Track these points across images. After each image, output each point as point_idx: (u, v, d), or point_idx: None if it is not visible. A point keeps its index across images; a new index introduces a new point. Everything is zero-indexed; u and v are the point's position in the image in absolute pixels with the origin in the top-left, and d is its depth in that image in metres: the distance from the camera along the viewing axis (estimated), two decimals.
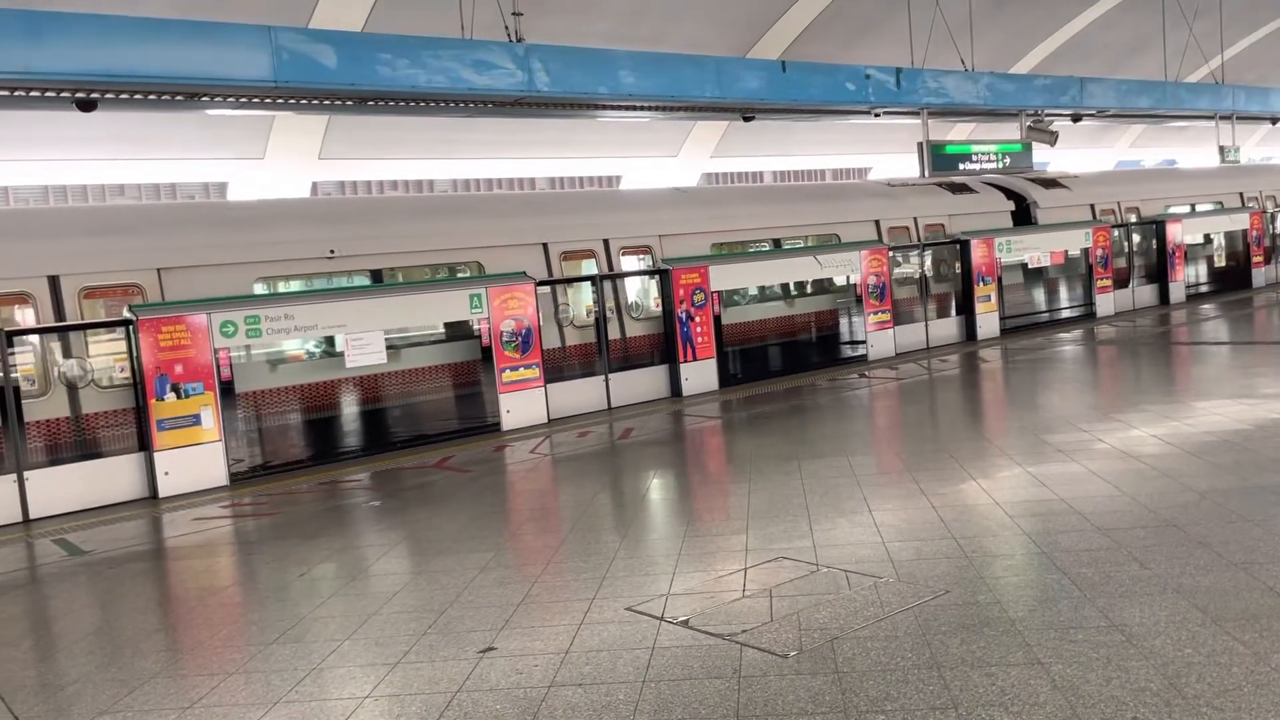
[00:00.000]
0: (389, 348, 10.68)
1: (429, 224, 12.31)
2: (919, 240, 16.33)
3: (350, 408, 10.89)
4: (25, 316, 9.46)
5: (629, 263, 13.41)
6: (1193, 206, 21.65)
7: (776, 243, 14.98)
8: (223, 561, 7.18)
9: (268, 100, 11.41)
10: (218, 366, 9.44)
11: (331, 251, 11.13)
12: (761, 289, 14.36)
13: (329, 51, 10.85)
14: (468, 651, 4.82)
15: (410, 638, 5.06)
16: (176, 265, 10.16)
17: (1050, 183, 19.08)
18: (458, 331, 11.50)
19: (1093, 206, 19.38)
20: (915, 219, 16.64)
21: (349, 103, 11.95)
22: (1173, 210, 20.69)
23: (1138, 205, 20.49)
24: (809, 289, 15.05)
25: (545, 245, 12.73)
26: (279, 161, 17.03)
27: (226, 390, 9.52)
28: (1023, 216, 18.09)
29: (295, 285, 11.21)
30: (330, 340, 10.78)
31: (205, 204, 15.69)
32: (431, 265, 12.10)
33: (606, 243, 13.23)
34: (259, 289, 10.67)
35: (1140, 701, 3.74)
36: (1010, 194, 18.26)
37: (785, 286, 14.70)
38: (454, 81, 11.73)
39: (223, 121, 15.56)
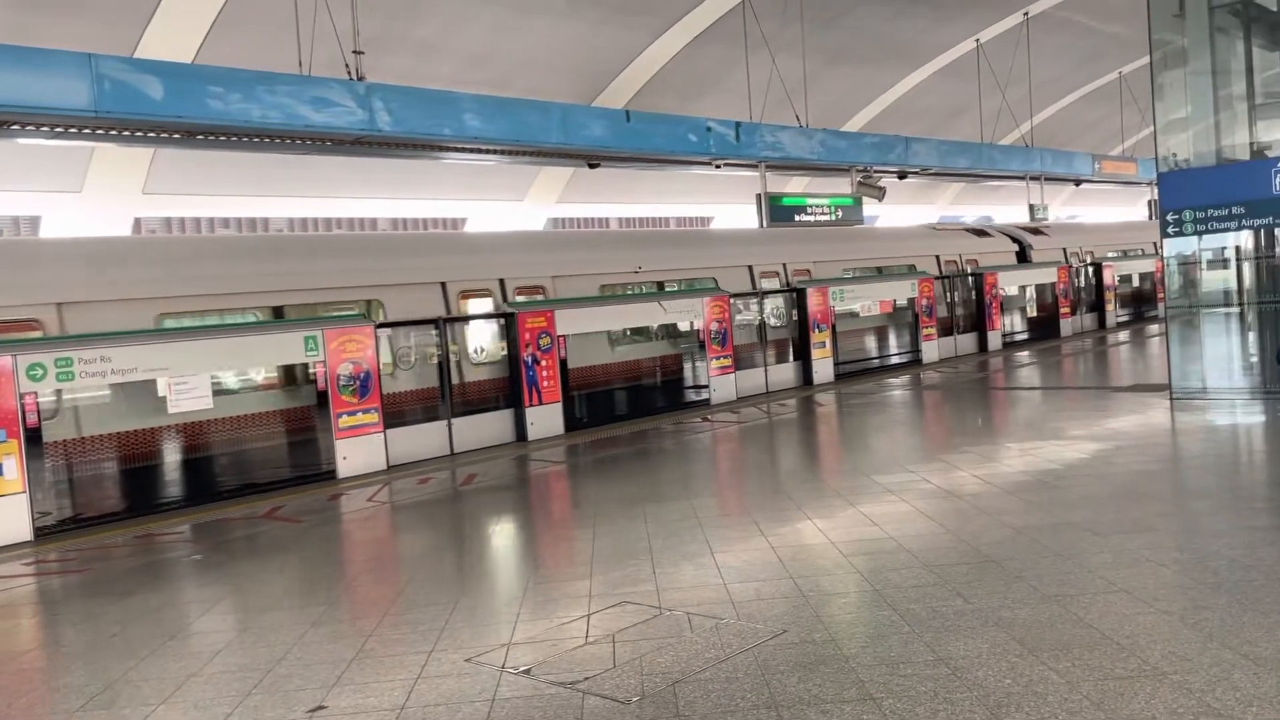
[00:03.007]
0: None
1: (689, 250, 16.88)
2: (962, 270, 20.94)
3: (173, 455, 10.30)
4: (484, 304, 13.39)
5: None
6: (1125, 253, 26.35)
7: (879, 270, 19.89)
8: (23, 623, 6.61)
9: (86, 131, 10.81)
10: (23, 413, 8.77)
11: (639, 268, 15.17)
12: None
13: (155, 82, 10.38)
14: (296, 711, 4.57)
15: (233, 699, 4.77)
16: (562, 274, 14.19)
17: (1036, 231, 24.72)
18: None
19: (1064, 250, 24.62)
20: (960, 255, 21.80)
21: (176, 136, 11.43)
22: (1099, 256, 25.25)
23: (1092, 249, 25.35)
24: (658, 334, 15.32)
25: (750, 267, 17.01)
26: (99, 195, 16.09)
27: (33, 438, 8.84)
28: (1022, 255, 23.46)
29: (614, 291, 14.84)
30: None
31: (579, 232, 20.66)
32: (689, 279, 15.99)
33: (785, 265, 17.75)
34: (600, 292, 14.51)
35: None
36: (1013, 239, 23.62)
37: (636, 331, 14.98)
38: (290, 118, 11.40)
39: (37, 152, 14.62)
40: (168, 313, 10.64)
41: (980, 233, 23.32)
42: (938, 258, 21.12)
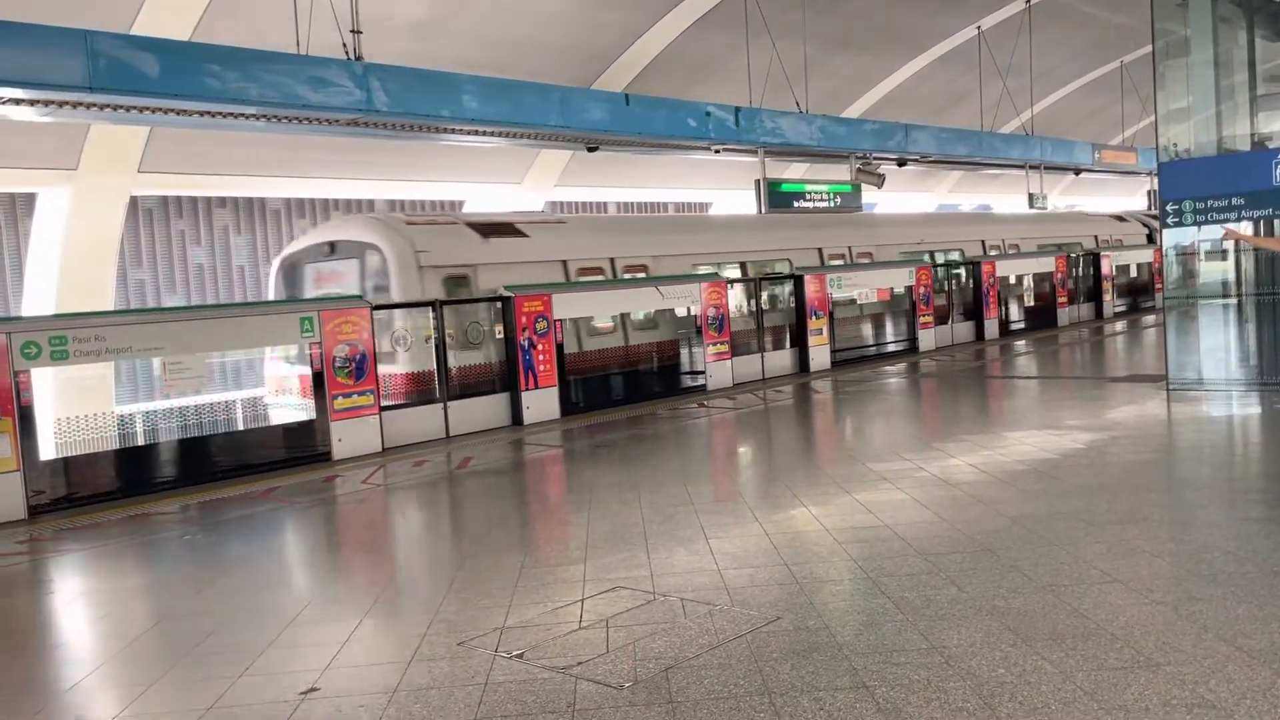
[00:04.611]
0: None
1: (937, 228, 22.35)
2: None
3: (169, 435, 10.28)
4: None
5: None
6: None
7: (1059, 247, 23.72)
8: (16, 601, 6.59)
9: (81, 107, 10.72)
10: (17, 391, 8.73)
11: (920, 240, 20.44)
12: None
13: (151, 59, 10.29)
14: (288, 694, 4.56)
15: (226, 680, 4.76)
16: (883, 244, 19.61)
17: (1157, 216, 28.57)
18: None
19: None
20: (1110, 236, 26.68)
21: (172, 113, 11.35)
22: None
23: None
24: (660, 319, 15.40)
25: (982, 241, 22.28)
26: (94, 174, 15.99)
27: (26, 416, 8.80)
28: (1150, 238, 27.42)
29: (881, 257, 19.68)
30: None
31: (883, 214, 24.28)
32: (945, 250, 21.37)
33: (984, 242, 22.78)
34: (900, 257, 19.57)
35: None
36: (1143, 223, 28.30)
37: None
38: (288, 97, 11.31)
39: (31, 129, 14.52)
40: (696, 263, 16.07)
41: (1119, 218, 28.34)
42: (1096, 238, 26.10)
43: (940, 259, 20.96)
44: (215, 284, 20.91)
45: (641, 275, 15.33)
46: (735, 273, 16.84)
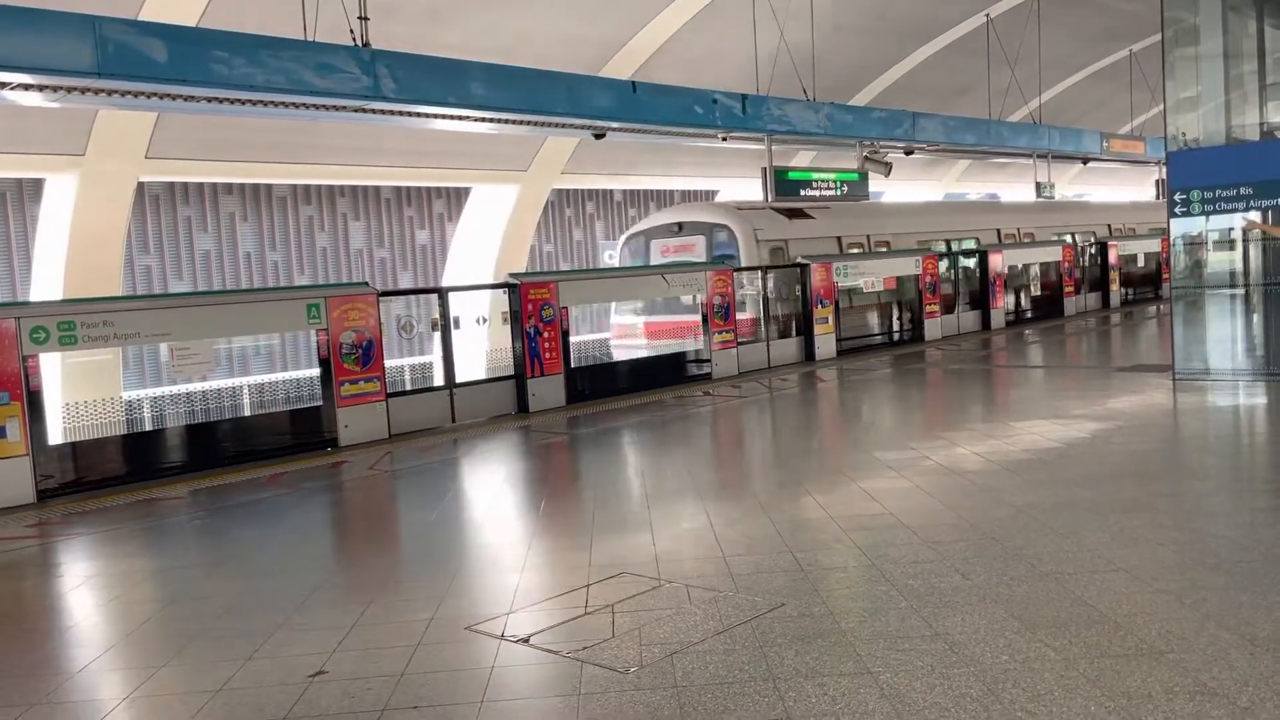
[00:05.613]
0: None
1: (1097, 214, 27.35)
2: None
3: (177, 420, 10.32)
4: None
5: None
6: None
7: (1132, 230, 28.09)
8: (25, 585, 6.65)
9: (89, 92, 10.73)
10: (26, 375, 8.77)
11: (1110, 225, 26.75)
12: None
13: (159, 45, 10.28)
14: (296, 676, 4.60)
15: (234, 663, 4.80)
16: (1025, 226, 23.84)
17: None
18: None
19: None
20: None
21: (180, 99, 11.36)
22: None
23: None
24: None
25: (1110, 225, 27.05)
26: (101, 159, 16.01)
27: (35, 401, 8.85)
28: None
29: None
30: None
31: (1055, 201, 26.50)
32: (1079, 231, 25.66)
33: (1110, 227, 27.38)
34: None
35: (961, 707, 3.90)
36: None
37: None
38: (295, 83, 11.31)
39: (39, 115, 14.55)
40: (919, 239, 20.01)
41: None
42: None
43: (1080, 239, 24.94)
44: (222, 270, 20.96)
45: (885, 248, 19.13)
46: (942, 248, 20.44)
